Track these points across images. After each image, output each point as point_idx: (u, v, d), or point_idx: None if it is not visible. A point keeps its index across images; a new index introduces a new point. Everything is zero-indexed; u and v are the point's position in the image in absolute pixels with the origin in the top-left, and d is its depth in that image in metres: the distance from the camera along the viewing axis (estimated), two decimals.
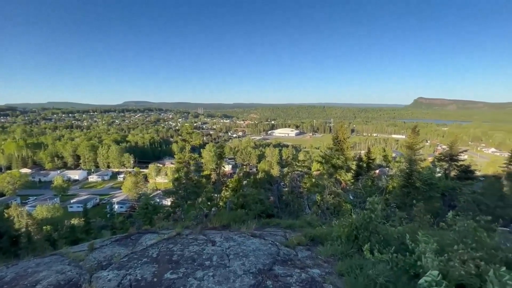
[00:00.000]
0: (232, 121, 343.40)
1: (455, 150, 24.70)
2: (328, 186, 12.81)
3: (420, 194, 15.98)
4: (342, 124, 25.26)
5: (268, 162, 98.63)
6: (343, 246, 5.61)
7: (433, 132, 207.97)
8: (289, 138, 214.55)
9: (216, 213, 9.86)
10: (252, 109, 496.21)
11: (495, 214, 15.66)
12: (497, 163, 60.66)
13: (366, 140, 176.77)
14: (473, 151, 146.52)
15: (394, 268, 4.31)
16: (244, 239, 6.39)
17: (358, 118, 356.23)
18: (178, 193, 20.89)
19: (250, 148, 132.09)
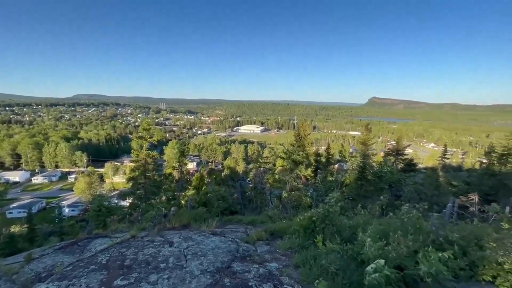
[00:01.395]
0: (196, 117, 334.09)
1: (401, 145, 27.43)
2: (289, 182, 13.25)
3: (372, 186, 17.46)
4: (303, 121, 26.24)
5: (234, 159, 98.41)
6: (300, 239, 5.84)
7: (385, 129, 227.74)
8: (255, 135, 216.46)
9: (176, 212, 9.51)
10: (218, 105, 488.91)
11: (432, 201, 17.78)
12: (435, 157, 68.94)
13: (327, 137, 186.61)
14: (416, 146, 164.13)
15: (344, 256, 4.61)
16: (204, 238, 6.27)
17: (320, 116, 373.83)
18: (135, 194, 19.66)
19: (215, 145, 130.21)
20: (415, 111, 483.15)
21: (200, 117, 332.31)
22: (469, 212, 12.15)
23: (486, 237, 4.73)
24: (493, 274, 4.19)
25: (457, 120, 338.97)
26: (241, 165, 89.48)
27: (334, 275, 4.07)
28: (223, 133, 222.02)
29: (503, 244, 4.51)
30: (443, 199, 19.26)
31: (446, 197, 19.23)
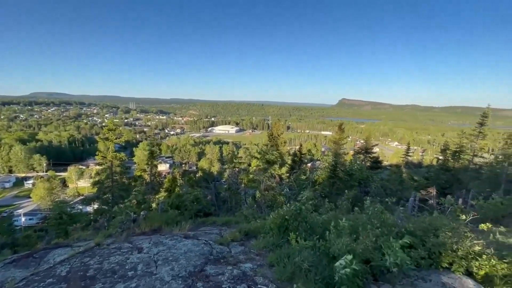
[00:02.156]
0: (169, 117, 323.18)
1: (369, 144, 29.03)
2: (264, 181, 13.35)
3: (343, 183, 18.23)
4: (276, 122, 26.63)
5: (209, 159, 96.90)
6: (275, 238, 5.87)
7: (354, 129, 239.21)
8: (230, 135, 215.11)
9: (146, 216, 9.07)
10: (191, 105, 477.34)
11: (396, 196, 19.06)
12: (399, 154, 73.93)
13: (300, 136, 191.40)
14: (382, 145, 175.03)
15: (317, 252, 4.72)
16: (176, 242, 6.05)
17: (293, 116, 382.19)
18: (102, 198, 18.42)
19: (189, 145, 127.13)
20: (381, 112, 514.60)
21: (173, 117, 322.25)
22: (429, 204, 13.17)
23: (442, 227, 5.13)
24: (449, 261, 4.56)
25: (417, 120, 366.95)
26: (216, 166, 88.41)
27: (307, 272, 4.15)
28: (197, 133, 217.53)
29: (457, 233, 4.94)
30: (406, 194, 20.73)
31: (408, 191, 20.71)
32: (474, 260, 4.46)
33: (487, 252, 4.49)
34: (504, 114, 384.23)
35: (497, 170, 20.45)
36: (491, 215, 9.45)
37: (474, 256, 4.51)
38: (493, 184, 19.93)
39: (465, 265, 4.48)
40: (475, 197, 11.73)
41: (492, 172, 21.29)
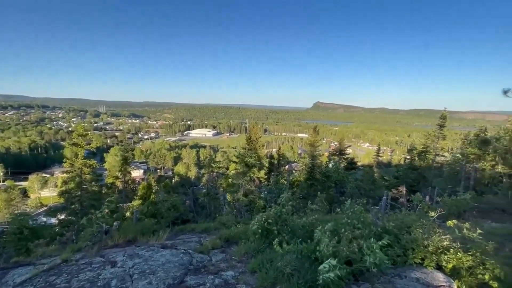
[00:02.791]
0: (142, 121, 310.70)
1: (343, 146, 30.17)
2: (243, 185, 13.25)
3: (320, 184, 18.72)
4: (254, 125, 26.73)
5: (185, 164, 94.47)
6: (256, 243, 5.82)
7: (328, 131, 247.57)
8: (207, 139, 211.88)
9: (119, 227, 8.56)
10: (166, 109, 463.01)
11: (370, 195, 19.97)
12: (370, 155, 77.66)
13: (277, 139, 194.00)
14: (355, 146, 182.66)
15: (299, 256, 4.74)
16: (153, 253, 5.76)
17: (270, 119, 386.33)
18: (69, 209, 17.06)
19: (164, 150, 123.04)
20: (353, 115, 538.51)
21: (147, 121, 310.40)
22: (399, 202, 13.92)
23: (414, 225, 5.42)
24: (422, 257, 4.82)
25: (386, 122, 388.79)
26: (193, 171, 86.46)
27: (290, 277, 4.15)
28: (173, 137, 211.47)
29: (427, 229, 5.25)
30: (378, 192, 21.78)
31: (380, 190, 21.79)
32: (443, 255, 4.75)
33: (454, 246, 4.82)
34: (460, 116, 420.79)
35: (457, 168, 22.23)
36: (454, 210, 10.20)
37: (443, 250, 4.81)
38: (454, 181, 21.65)
39: (435, 260, 4.76)
40: (439, 194, 12.60)
41: (452, 170, 23.11)
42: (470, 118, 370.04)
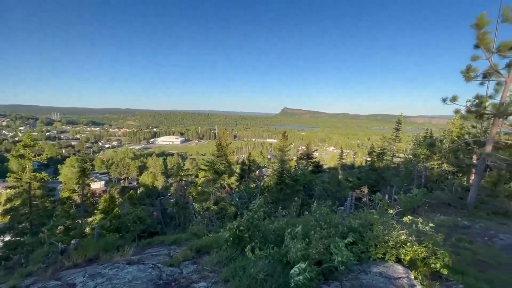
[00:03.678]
0: (103, 128, 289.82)
1: (310, 150, 31.36)
2: (213, 192, 13.03)
3: (290, 188, 19.17)
4: (223, 131, 26.57)
5: (152, 173, 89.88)
6: (228, 251, 5.76)
7: (296, 136, 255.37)
8: (174, 146, 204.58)
9: (78, 245, 7.84)
10: (129, 115, 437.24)
11: (336, 196, 20.98)
12: (335, 158, 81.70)
13: (247, 145, 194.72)
14: (321, 150, 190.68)
15: (271, 261, 4.80)
16: (118, 271, 5.38)
17: (239, 125, 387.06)
18: (16, 229, 15.06)
19: (128, 159, 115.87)
20: (318, 120, 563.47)
21: (108, 129, 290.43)
22: (362, 202, 14.84)
23: (376, 222, 5.84)
24: (383, 252, 5.20)
25: (348, 126, 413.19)
26: (160, 180, 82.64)
27: (263, 282, 4.18)
28: (137, 145, 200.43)
29: (387, 226, 5.69)
30: (343, 193, 22.96)
31: (345, 191, 23.00)
32: (401, 248, 5.19)
33: (410, 240, 5.29)
34: (412, 120, 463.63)
35: (410, 168, 24.41)
36: (409, 206, 11.19)
37: (401, 244, 5.25)
38: (408, 180, 23.72)
39: (395, 254, 5.18)
40: (396, 192, 13.71)
41: (406, 169, 25.33)
42: (420, 122, 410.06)
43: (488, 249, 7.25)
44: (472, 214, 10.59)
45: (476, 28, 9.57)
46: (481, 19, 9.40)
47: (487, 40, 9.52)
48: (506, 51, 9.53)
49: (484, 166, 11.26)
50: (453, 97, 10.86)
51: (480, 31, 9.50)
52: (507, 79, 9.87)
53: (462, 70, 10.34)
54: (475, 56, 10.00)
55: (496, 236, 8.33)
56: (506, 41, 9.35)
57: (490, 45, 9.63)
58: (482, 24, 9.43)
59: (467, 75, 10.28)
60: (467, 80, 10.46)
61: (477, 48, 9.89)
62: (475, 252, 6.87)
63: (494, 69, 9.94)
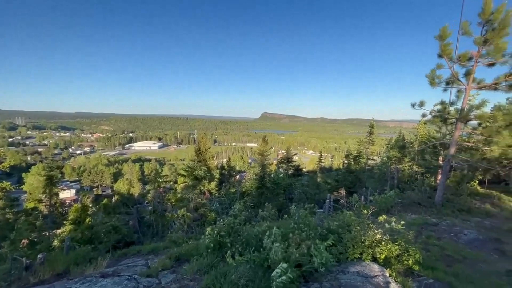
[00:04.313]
0: (74, 134, 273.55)
1: (290, 154, 31.86)
2: (193, 199, 12.76)
3: (270, 192, 19.30)
4: (202, 136, 26.22)
5: (128, 180, 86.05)
6: (209, 258, 5.66)
7: (276, 140, 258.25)
8: (152, 152, 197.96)
9: (45, 259, 7.29)
10: (103, 120, 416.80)
11: (315, 199, 21.44)
12: (314, 161, 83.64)
13: (227, 149, 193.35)
14: (300, 154, 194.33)
15: (253, 266, 4.79)
16: (90, 284, 5.08)
17: (219, 130, 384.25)
18: None
19: (102, 165, 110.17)
20: (297, 124, 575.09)
21: (80, 134, 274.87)
22: (340, 204, 15.30)
23: (353, 223, 6.05)
24: (360, 251, 5.39)
25: (325, 131, 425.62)
26: (137, 187, 79.36)
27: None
28: (112, 151, 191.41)
29: (363, 226, 5.92)
30: (322, 196, 23.52)
31: (324, 193, 23.56)
32: (377, 247, 5.42)
33: (385, 239, 5.54)
34: (384, 124, 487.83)
35: (384, 170, 25.60)
36: (384, 206, 11.72)
37: (376, 244, 5.48)
38: (382, 181, 24.84)
39: (371, 253, 5.39)
40: (372, 193, 14.31)
41: (380, 171, 26.54)
42: (392, 126, 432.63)
43: (454, 245, 7.79)
44: (439, 212, 11.32)
45: (439, 39, 10.40)
46: (444, 31, 10.24)
47: (449, 50, 10.36)
48: (465, 61, 10.43)
49: (449, 167, 12.13)
50: (420, 102, 11.65)
51: (443, 42, 10.33)
52: (466, 87, 10.78)
53: (428, 74, 11.13)
54: (439, 65, 10.84)
55: (461, 232, 8.96)
56: (465, 52, 10.25)
57: (451, 55, 10.48)
58: (444, 36, 10.27)
59: (432, 81, 11.10)
60: (432, 86, 11.27)
61: (440, 57, 10.72)
62: (443, 248, 7.35)
63: (455, 77, 10.84)
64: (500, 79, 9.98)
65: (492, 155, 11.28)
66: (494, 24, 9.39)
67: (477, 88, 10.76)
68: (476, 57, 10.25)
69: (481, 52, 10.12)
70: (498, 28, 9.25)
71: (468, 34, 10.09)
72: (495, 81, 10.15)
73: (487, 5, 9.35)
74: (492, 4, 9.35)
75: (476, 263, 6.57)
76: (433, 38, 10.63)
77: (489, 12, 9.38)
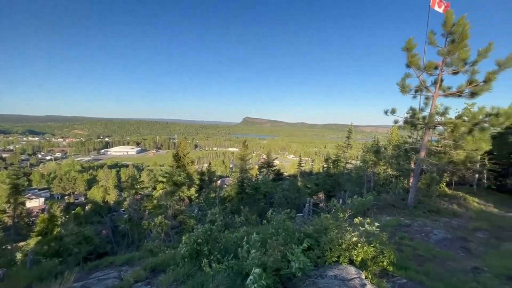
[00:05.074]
0: (44, 138, 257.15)
1: (271, 158, 32.09)
2: (171, 205, 12.39)
3: (250, 197, 19.23)
4: (181, 141, 25.69)
5: (103, 187, 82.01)
6: (186, 267, 5.48)
7: (257, 145, 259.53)
8: (129, 157, 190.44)
9: (5, 276, 6.69)
10: (77, 124, 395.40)
11: (295, 203, 21.67)
12: (294, 166, 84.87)
13: (208, 154, 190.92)
14: (281, 158, 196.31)
15: (231, 274, 4.71)
16: None
17: (200, 134, 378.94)
18: None
19: (74, 172, 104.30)
20: (278, 129, 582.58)
21: (50, 139, 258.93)
22: (320, 207, 15.58)
23: (330, 226, 6.15)
24: (338, 255, 5.47)
25: (306, 135, 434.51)
26: (113, 194, 75.85)
27: None
28: (86, 157, 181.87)
29: (341, 229, 6.03)
30: (302, 200, 23.84)
31: (304, 197, 23.88)
32: (353, 250, 5.53)
33: (361, 241, 5.68)
34: (361, 129, 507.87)
35: (361, 173, 26.53)
36: (360, 209, 12.07)
37: (353, 246, 5.59)
38: (360, 184, 25.69)
39: (348, 256, 5.49)
40: (350, 196, 14.72)
41: (357, 174, 27.46)
42: (368, 131, 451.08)
43: (425, 244, 8.17)
44: (412, 213, 11.87)
45: (406, 50, 11.11)
46: (409, 43, 10.99)
47: (416, 60, 11.07)
48: (431, 70, 11.16)
49: (419, 170, 12.80)
50: (392, 109, 12.29)
51: (410, 53, 11.02)
52: (434, 94, 11.52)
53: (398, 83, 11.80)
54: (408, 74, 11.53)
55: (431, 232, 9.44)
56: (430, 62, 10.99)
57: (419, 65, 11.19)
58: (410, 47, 10.99)
59: (402, 89, 11.76)
60: (403, 93, 11.94)
61: (408, 67, 11.43)
62: (415, 248, 7.68)
63: (424, 86, 11.56)
64: (463, 86, 10.78)
65: (458, 158, 12.08)
66: (455, 36, 10.19)
67: (444, 96, 11.52)
68: (440, 66, 11.04)
69: (446, 61, 10.90)
70: (458, 40, 10.05)
71: (434, 44, 10.84)
72: (459, 89, 10.95)
73: (448, 18, 10.13)
74: (454, 16, 10.14)
75: (445, 262, 6.92)
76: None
77: (451, 24, 10.16)
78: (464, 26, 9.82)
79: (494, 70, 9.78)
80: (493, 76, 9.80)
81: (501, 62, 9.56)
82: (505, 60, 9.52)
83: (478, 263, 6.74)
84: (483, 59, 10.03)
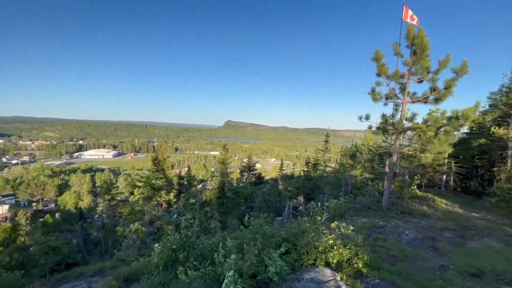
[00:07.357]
0: (10, 141, 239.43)
1: (252, 162, 32.13)
2: (148, 211, 11.96)
3: (231, 201, 19.08)
4: (161, 144, 25.01)
5: (75, 192, 77.67)
6: (161, 275, 5.32)
7: (239, 149, 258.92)
8: (105, 160, 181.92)
9: None
10: (47, 125, 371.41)
11: (276, 207, 21.82)
12: (276, 169, 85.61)
13: (189, 158, 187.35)
14: (263, 161, 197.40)
15: (208, 280, 4.62)
16: None
17: (181, 137, 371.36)
18: None
19: (44, 177, 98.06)
20: (261, 132, 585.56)
21: (17, 141, 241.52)
22: (299, 211, 15.78)
23: (308, 230, 6.24)
24: (314, 257, 5.56)
25: (288, 139, 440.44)
26: (87, 200, 72.09)
27: None
28: (57, 161, 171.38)
29: (318, 232, 6.14)
30: (283, 203, 24.05)
31: (285, 201, 24.11)
32: (330, 252, 5.64)
33: (337, 244, 5.81)
34: (340, 133, 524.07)
35: (339, 176, 27.29)
36: (338, 212, 12.40)
37: (329, 249, 5.71)
38: (337, 187, 26.40)
39: (324, 258, 5.59)
40: (328, 199, 15.07)
41: (336, 178, 28.22)
42: (347, 135, 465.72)
43: (398, 245, 8.53)
44: (386, 215, 12.37)
45: (375, 61, 11.75)
46: (377, 54, 11.68)
47: (385, 70, 11.74)
48: (399, 79, 11.85)
49: (393, 173, 13.42)
50: (366, 115, 12.85)
51: (379, 63, 11.66)
52: (403, 101, 12.20)
53: (369, 92, 12.40)
54: (378, 82, 12.15)
55: (403, 233, 9.88)
56: (396, 71, 11.71)
57: (388, 74, 11.84)
58: (379, 57, 11.67)
59: (374, 96, 12.36)
60: (374, 101, 12.56)
61: (378, 76, 12.06)
62: (388, 248, 8.00)
63: (393, 93, 12.21)
64: (427, 93, 11.59)
65: (427, 161, 12.81)
66: (416, 48, 11.00)
67: (411, 102, 12.26)
68: (406, 75, 11.79)
69: (412, 70, 11.67)
70: (419, 52, 10.88)
71: (399, 55, 11.59)
72: (424, 96, 11.75)
73: (410, 31, 10.96)
74: (415, 29, 10.99)
75: (415, 261, 7.26)
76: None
77: (412, 37, 10.97)
78: (422, 38, 10.63)
79: (453, 77, 10.65)
80: (452, 82, 10.66)
81: (457, 70, 10.48)
82: (459, 68, 10.42)
83: (444, 262, 7.15)
84: (444, 69, 10.88)
